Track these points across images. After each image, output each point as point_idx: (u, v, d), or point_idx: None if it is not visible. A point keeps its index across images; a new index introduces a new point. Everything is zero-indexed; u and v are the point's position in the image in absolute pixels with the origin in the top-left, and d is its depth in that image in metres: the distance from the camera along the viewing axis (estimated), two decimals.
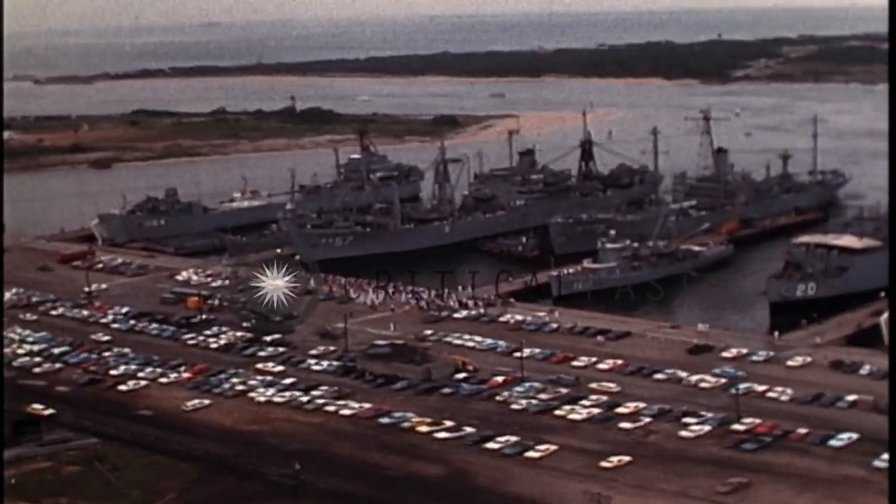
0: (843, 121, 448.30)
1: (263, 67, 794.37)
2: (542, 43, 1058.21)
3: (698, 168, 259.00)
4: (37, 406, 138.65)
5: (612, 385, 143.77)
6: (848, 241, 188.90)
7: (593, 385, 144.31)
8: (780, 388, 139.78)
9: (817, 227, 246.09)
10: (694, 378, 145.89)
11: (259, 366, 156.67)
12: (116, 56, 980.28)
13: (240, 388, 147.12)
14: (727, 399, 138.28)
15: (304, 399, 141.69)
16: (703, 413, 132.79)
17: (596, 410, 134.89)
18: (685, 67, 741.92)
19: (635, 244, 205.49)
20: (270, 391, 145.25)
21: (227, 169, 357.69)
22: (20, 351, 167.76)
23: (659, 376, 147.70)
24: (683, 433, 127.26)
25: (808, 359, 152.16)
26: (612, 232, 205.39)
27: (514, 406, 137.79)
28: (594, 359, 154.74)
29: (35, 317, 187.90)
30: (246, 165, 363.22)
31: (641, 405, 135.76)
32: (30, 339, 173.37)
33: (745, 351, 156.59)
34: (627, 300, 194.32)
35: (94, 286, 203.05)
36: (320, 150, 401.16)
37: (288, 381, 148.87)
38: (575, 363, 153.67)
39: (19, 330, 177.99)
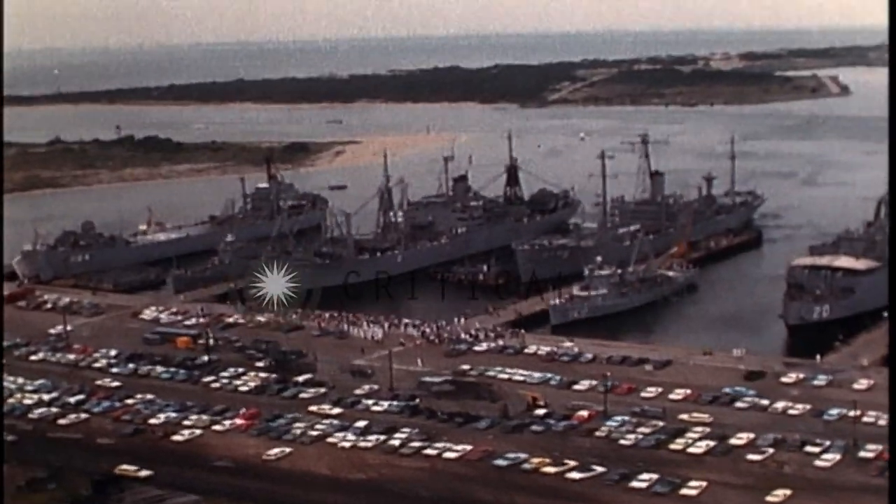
0: (693, 142, 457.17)
1: (65, 96, 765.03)
2: (333, 69, 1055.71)
3: (637, 192, 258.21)
4: (128, 467, 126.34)
5: (703, 416, 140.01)
6: (847, 262, 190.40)
7: (683, 416, 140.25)
8: (874, 413, 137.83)
9: (753, 248, 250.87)
10: (780, 405, 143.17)
11: (313, 408, 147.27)
12: None
13: (313, 433, 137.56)
14: (823, 425, 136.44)
15: (395, 443, 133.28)
16: (818, 441, 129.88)
17: (711, 443, 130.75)
18: (499, 91, 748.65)
19: (619, 270, 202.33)
20: (350, 435, 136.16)
21: (101, 199, 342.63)
22: (28, 401, 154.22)
23: (740, 404, 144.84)
24: (818, 463, 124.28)
25: (871, 381, 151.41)
26: (599, 258, 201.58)
27: (623, 442, 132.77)
28: (660, 389, 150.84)
29: (8, 361, 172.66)
30: (117, 196, 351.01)
31: (751, 435, 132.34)
32: (29, 388, 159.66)
33: (802, 376, 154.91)
34: (627, 326, 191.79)
35: (58, 328, 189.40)
36: (183, 180, 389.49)
37: (361, 423, 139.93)
38: (644, 394, 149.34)
39: (11, 378, 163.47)
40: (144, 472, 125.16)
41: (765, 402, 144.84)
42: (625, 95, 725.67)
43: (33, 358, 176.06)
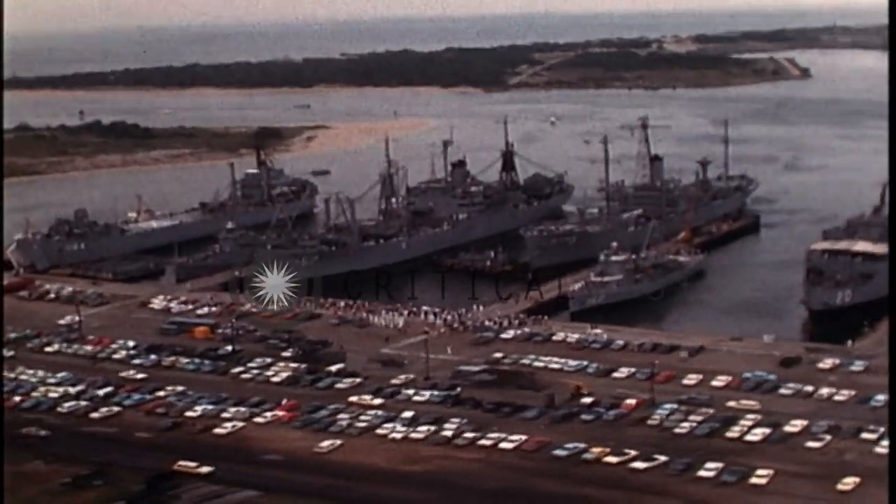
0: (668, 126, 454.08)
1: (22, 81, 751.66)
2: (286, 53, 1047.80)
3: (637, 176, 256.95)
4: (187, 463, 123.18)
5: (751, 403, 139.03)
6: (866, 246, 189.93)
7: (731, 404, 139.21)
8: None
9: (751, 233, 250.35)
10: (825, 391, 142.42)
11: (353, 399, 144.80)
12: None
13: (360, 425, 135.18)
14: (871, 412, 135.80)
15: (447, 434, 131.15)
16: (871, 428, 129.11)
17: (765, 430, 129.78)
18: (460, 75, 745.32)
19: (633, 256, 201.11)
20: (399, 427, 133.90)
21: (80, 186, 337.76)
22: (54, 394, 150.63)
23: (784, 391, 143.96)
24: (878, 450, 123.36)
25: None
26: (615, 244, 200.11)
27: (677, 430, 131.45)
28: (700, 376, 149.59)
29: (21, 353, 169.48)
30: (95, 183, 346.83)
31: (804, 423, 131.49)
32: (52, 381, 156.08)
33: (838, 362, 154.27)
34: (645, 313, 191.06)
35: (67, 318, 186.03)
36: (160, 166, 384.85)
37: (407, 414, 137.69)
38: (685, 382, 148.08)
39: (31, 371, 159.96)
40: (205, 469, 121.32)
41: (809, 388, 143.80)
42: (587, 79, 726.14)
43: (48, 350, 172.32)
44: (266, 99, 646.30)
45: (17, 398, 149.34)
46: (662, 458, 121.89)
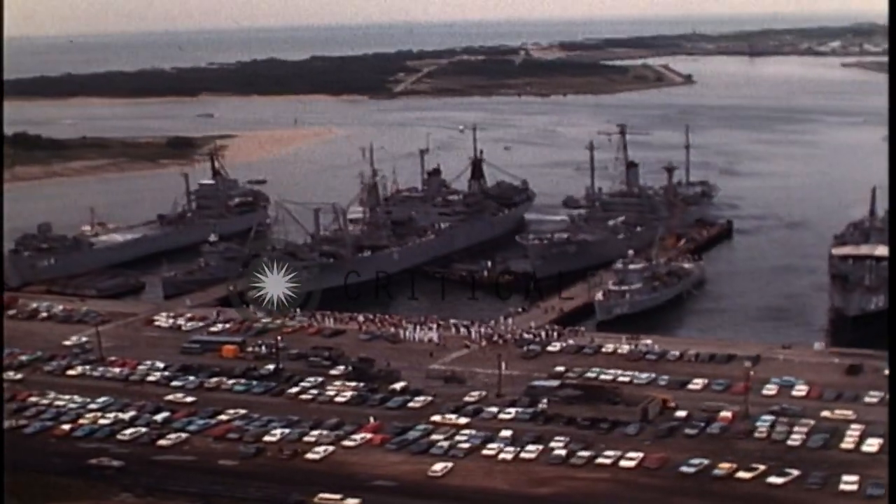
0: (578, 133, 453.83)
1: None
2: (156, 63, 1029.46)
3: (613, 183, 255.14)
4: (330, 495, 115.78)
5: (847, 413, 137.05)
6: (887, 250, 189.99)
7: (826, 413, 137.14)
8: None
9: (726, 239, 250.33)
10: None
11: (436, 419, 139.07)
12: None
13: (462, 446, 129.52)
14: None
15: (561, 453, 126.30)
16: None
17: (878, 440, 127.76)
18: (343, 83, 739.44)
19: (646, 263, 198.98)
20: (505, 447, 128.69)
21: (13, 199, 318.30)
22: (104, 421, 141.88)
23: (869, 399, 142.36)
24: None
25: None
26: (631, 252, 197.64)
27: (790, 443, 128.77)
28: (777, 386, 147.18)
29: (40, 377, 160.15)
30: (25, 195, 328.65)
31: None
32: (94, 406, 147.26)
33: None
34: (670, 321, 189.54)
35: (73, 339, 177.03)
36: (85, 178, 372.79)
37: (506, 433, 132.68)
38: (765, 392, 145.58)
39: (66, 396, 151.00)
40: (352, 501, 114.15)
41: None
42: (472, 86, 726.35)
43: (71, 373, 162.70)
44: (157, 108, 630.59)
45: (66, 426, 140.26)
46: (795, 472, 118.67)
